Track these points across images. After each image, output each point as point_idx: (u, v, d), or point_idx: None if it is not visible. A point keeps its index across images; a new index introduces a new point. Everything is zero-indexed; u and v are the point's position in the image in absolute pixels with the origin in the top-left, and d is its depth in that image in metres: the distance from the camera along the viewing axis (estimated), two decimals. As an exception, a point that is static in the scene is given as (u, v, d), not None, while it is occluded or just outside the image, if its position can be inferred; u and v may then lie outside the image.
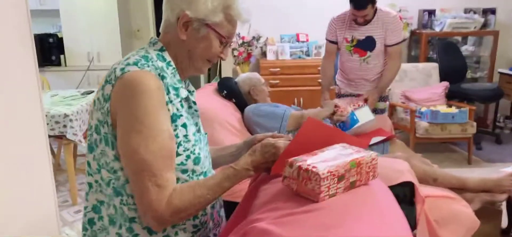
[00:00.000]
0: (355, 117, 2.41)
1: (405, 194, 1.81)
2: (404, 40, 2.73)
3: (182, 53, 1.02)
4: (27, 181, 1.88)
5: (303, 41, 4.53)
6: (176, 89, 0.98)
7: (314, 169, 0.75)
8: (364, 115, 2.41)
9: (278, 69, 4.25)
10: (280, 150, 0.94)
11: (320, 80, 3.32)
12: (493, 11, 4.43)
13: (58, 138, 2.82)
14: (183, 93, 1.01)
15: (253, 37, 4.39)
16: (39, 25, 4.48)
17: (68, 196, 3.00)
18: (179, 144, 0.95)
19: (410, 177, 1.80)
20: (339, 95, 2.94)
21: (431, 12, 4.48)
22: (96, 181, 0.99)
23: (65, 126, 2.67)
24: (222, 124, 2.18)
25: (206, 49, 1.00)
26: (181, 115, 0.97)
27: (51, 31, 4.55)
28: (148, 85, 0.89)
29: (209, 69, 4.09)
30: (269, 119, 2.25)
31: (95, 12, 4.29)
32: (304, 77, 4.22)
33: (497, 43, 4.31)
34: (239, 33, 4.31)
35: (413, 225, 1.81)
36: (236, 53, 4.29)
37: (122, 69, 0.92)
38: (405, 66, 4.07)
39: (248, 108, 2.35)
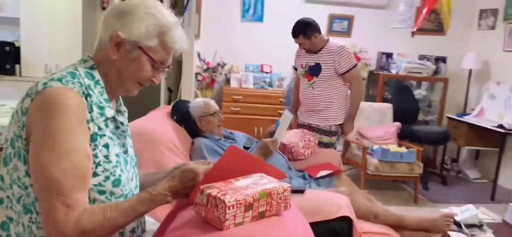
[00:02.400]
0: (278, 121, 2.63)
1: (342, 228, 1.85)
2: (354, 66, 2.90)
3: (112, 72, 1.02)
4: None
5: (266, 72, 4.63)
6: (101, 108, 0.98)
7: (222, 197, 0.76)
8: (283, 117, 2.58)
9: (241, 97, 4.31)
10: (199, 176, 0.95)
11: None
12: (444, 60, 4.73)
13: (-1, 150, 2.68)
14: (109, 112, 1.00)
15: (218, 64, 4.44)
16: (-5, 32, 4.33)
17: None
18: (98, 164, 0.94)
19: (348, 212, 1.85)
20: (298, 125, 3.12)
21: (389, 55, 4.73)
22: (8, 197, 0.96)
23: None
24: (170, 147, 2.16)
25: (136, 71, 1.01)
26: (104, 135, 0.96)
27: (8, 39, 4.40)
28: (67, 102, 0.88)
29: (170, 91, 4.04)
30: (214, 157, 2.24)
31: (57, 23, 4.21)
32: (266, 107, 4.30)
33: (446, 89, 4.59)
34: (204, 59, 4.36)
35: (349, 260, 1.85)
36: (200, 78, 4.32)
37: (45, 83, 0.91)
38: (362, 104, 4.21)
39: (199, 141, 2.33)
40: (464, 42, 4.80)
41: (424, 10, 3.20)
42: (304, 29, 2.87)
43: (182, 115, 2.45)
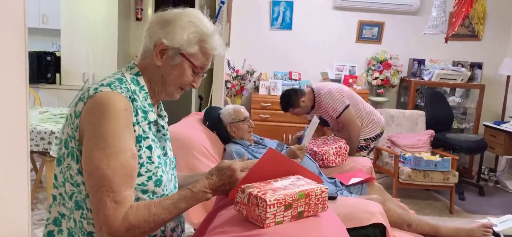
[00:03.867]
0: (306, 128, 2.62)
1: (376, 236, 1.83)
2: (346, 108, 2.84)
3: (156, 78, 1.07)
4: (2, 194, 1.88)
5: (295, 80, 4.64)
6: (145, 112, 1.03)
7: (262, 196, 0.78)
8: (312, 123, 2.61)
9: (269, 104, 4.33)
10: (236, 172, 0.98)
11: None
12: (480, 66, 4.58)
13: (42, 155, 2.83)
14: (152, 116, 1.05)
15: (247, 72, 4.50)
16: (39, 43, 4.59)
17: (45, 214, 2.98)
18: (142, 165, 0.99)
19: (382, 219, 1.83)
20: None
21: (421, 62, 4.63)
22: (60, 194, 1.02)
23: (49, 143, 2.70)
24: (203, 152, 2.21)
25: (178, 76, 1.06)
26: (147, 137, 1.01)
27: (50, 49, 4.65)
28: (116, 106, 0.94)
29: (201, 98, 4.13)
30: None
31: (95, 34, 4.41)
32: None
33: (483, 96, 4.44)
34: (233, 66, 4.43)
35: (382, 268, 1.82)
36: (229, 85, 4.39)
37: (95, 89, 0.98)
38: (393, 112, 4.16)
39: (231, 147, 2.37)
40: (501, 48, 4.63)
41: (461, 16, 3.11)
42: (289, 103, 2.91)
43: (213, 121, 2.50)
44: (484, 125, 4.43)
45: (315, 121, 2.59)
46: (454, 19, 3.16)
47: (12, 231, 1.95)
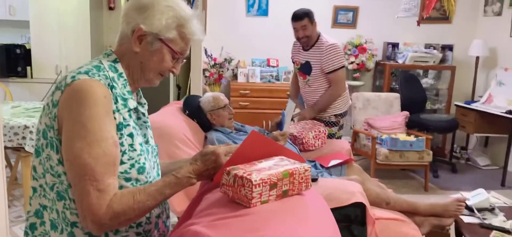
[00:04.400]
0: (284, 112, 2.63)
1: (356, 215, 1.89)
2: (341, 67, 2.85)
3: (135, 64, 1.06)
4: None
5: (273, 66, 4.66)
6: (124, 99, 1.02)
7: (248, 176, 0.80)
8: (288, 107, 2.64)
9: (248, 91, 4.35)
10: (220, 157, 0.99)
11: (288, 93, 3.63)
12: (450, 48, 4.73)
13: (16, 150, 2.75)
14: (132, 104, 1.04)
15: (225, 59, 4.48)
16: (7, 35, 4.41)
17: (22, 211, 2.90)
18: (123, 153, 0.98)
19: (362, 198, 1.88)
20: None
21: (395, 45, 4.74)
22: (41, 185, 1.00)
23: (24, 138, 2.62)
24: (184, 141, 2.21)
25: (158, 62, 1.05)
26: (128, 125, 1.00)
27: (19, 41, 4.47)
28: (95, 93, 0.93)
29: (179, 88, 4.08)
30: None
31: (66, 25, 4.27)
32: (273, 100, 4.33)
33: (454, 77, 4.59)
34: (211, 54, 4.40)
35: (364, 245, 1.88)
36: (207, 74, 4.36)
37: (73, 77, 0.95)
38: (369, 95, 4.25)
39: (212, 135, 2.37)
40: (471, 30, 4.79)
41: None
42: (308, 13, 2.84)
43: (193, 110, 2.50)
44: (455, 104, 4.60)
45: (291, 105, 2.62)
46: (427, 2, 3.24)
47: (-11, 230, 1.90)
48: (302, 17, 2.83)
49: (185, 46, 1.08)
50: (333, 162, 2.49)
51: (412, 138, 3.68)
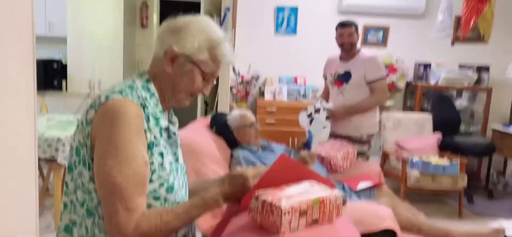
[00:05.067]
0: (311, 134, 2.60)
1: (386, 241, 1.81)
2: (383, 78, 2.89)
3: (167, 85, 1.07)
4: (11, 201, 1.88)
5: (300, 84, 4.63)
6: (156, 119, 1.03)
7: (277, 203, 0.77)
8: (316, 127, 2.62)
9: (275, 109, 4.33)
10: (248, 180, 0.97)
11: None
12: (487, 69, 4.54)
13: (49, 161, 2.83)
14: (163, 123, 1.05)
15: (252, 77, 4.50)
16: (45, 51, 4.62)
17: (51, 220, 2.98)
18: (153, 171, 0.98)
19: (392, 224, 1.81)
20: (335, 136, 3.03)
21: (427, 66, 4.61)
22: (71, 201, 1.02)
23: (57, 150, 2.70)
24: (211, 158, 2.20)
25: (189, 83, 1.06)
26: (159, 144, 1.01)
27: (56, 57, 4.68)
28: (128, 113, 0.94)
29: (206, 104, 4.13)
30: None
31: (101, 41, 4.44)
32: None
33: (490, 99, 4.40)
34: (239, 72, 4.43)
35: (394, 273, 1.80)
36: (234, 91, 4.39)
37: (107, 96, 0.97)
38: (400, 115, 4.14)
39: (238, 153, 2.36)
40: (509, 50, 4.59)
41: (471, 19, 3.09)
42: (355, 24, 2.94)
43: (220, 127, 2.50)
44: (492, 128, 4.39)
45: (319, 123, 2.58)
46: (463, 23, 3.14)
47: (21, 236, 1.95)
48: (350, 25, 2.92)
49: (216, 68, 1.09)
50: (362, 185, 2.42)
51: (445, 161, 3.53)
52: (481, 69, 4.55)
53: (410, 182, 3.51)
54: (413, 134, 4.05)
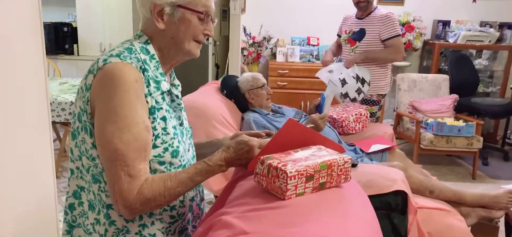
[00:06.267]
0: (323, 96, 2.56)
1: (397, 203, 1.80)
2: (398, 35, 2.82)
3: (167, 42, 1.03)
4: (28, 165, 1.93)
5: (313, 45, 4.53)
6: (157, 82, 1.00)
7: (283, 167, 0.76)
8: (329, 90, 2.58)
9: (287, 71, 4.26)
10: (253, 149, 0.95)
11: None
12: (509, 26, 4.34)
13: (64, 125, 2.88)
14: (165, 86, 1.02)
15: (264, 38, 4.41)
16: (54, 14, 4.59)
17: (70, 182, 3.07)
18: (157, 136, 0.97)
19: (403, 186, 1.79)
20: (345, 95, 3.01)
21: (446, 23, 4.42)
22: (77, 168, 1.02)
23: (70, 113, 2.74)
24: (221, 121, 2.20)
25: (187, 30, 1.01)
26: (161, 108, 0.99)
27: (66, 20, 4.65)
28: (126, 77, 0.91)
29: (217, 67, 4.08)
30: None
31: (109, 3, 4.37)
32: (312, 81, 4.21)
33: (511, 59, 4.23)
34: (250, 33, 4.34)
35: (404, 235, 1.80)
36: (246, 52, 4.32)
37: (105, 60, 0.94)
38: (415, 76, 4.03)
39: (249, 116, 2.35)
40: (534, 5, 4.36)
41: None
42: None
43: (231, 89, 2.48)
44: (511, 88, 4.25)
45: (332, 87, 2.53)
46: None
47: (39, 199, 2.02)
48: None
49: (206, 2, 1.03)
50: (374, 148, 2.39)
51: (460, 123, 3.45)
52: (504, 27, 4.35)
53: (423, 144, 3.46)
54: (429, 95, 3.96)
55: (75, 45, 4.51)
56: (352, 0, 2.90)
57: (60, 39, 4.42)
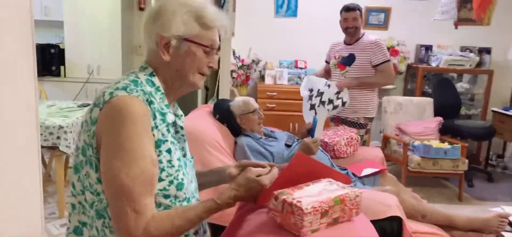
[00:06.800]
0: (315, 120, 2.55)
1: (392, 229, 1.82)
2: (388, 61, 2.92)
3: (171, 74, 1.03)
4: (15, 190, 1.87)
5: (301, 68, 4.60)
6: (163, 114, 1.00)
7: (298, 204, 0.76)
8: (321, 114, 2.59)
9: (275, 93, 4.30)
10: (264, 187, 0.95)
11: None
12: (488, 51, 4.52)
13: (51, 149, 2.81)
14: (170, 118, 1.02)
15: (253, 61, 4.45)
16: (42, 35, 4.53)
17: (55, 208, 2.97)
18: (162, 170, 0.96)
19: (398, 212, 1.82)
20: (332, 118, 3.10)
21: (428, 48, 4.58)
22: (80, 202, 1.00)
23: (58, 138, 2.67)
24: (215, 146, 2.19)
25: (193, 63, 1.02)
26: (166, 140, 0.98)
27: (54, 41, 4.60)
28: (134, 111, 0.90)
29: (207, 89, 4.06)
30: (256, 156, 2.26)
31: (98, 26, 4.35)
32: (300, 103, 4.24)
33: (491, 82, 4.39)
34: (239, 56, 4.38)
35: (400, 260, 1.82)
36: (235, 75, 4.35)
37: (111, 93, 0.93)
38: (401, 99, 4.13)
39: (242, 141, 2.35)
40: (511, 32, 4.56)
41: (485, 5, 3.09)
42: (359, 8, 2.95)
43: (223, 114, 2.48)
44: (492, 110, 4.40)
45: (324, 111, 2.57)
46: (478, 7, 3.14)
47: (26, 226, 1.95)
48: (355, 9, 2.93)
49: (212, 36, 1.03)
50: (366, 171, 2.42)
51: (446, 145, 3.54)
52: (483, 52, 4.53)
53: (411, 166, 3.52)
54: (414, 118, 4.06)
55: (62, 67, 4.44)
56: (341, 26, 2.98)
57: (47, 60, 4.36)
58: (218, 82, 3.93)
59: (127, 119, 0.89)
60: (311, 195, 0.80)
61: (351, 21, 2.90)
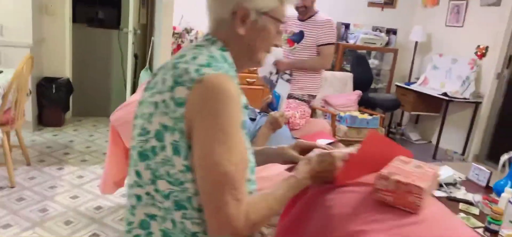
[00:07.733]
0: (277, 95, 2.63)
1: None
2: (332, 44, 3.01)
3: (242, 49, 0.95)
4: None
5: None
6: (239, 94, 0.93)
7: (416, 183, 0.81)
8: (282, 88, 2.65)
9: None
10: (336, 159, 0.96)
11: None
12: (394, 32, 5.14)
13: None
14: (244, 99, 0.95)
15: (185, 29, 4.24)
16: None
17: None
18: None
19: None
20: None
21: (347, 26, 4.98)
22: (147, 193, 0.88)
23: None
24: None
25: (265, 39, 0.95)
26: (245, 122, 0.92)
27: None
28: (232, 91, 0.82)
29: (136, 57, 3.71)
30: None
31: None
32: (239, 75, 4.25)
33: (396, 59, 5.03)
34: (169, 23, 4.11)
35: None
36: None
37: (197, 70, 0.83)
38: (327, 74, 4.44)
39: None
40: (413, 16, 5.24)
41: None
42: None
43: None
44: (396, 85, 5.06)
45: (286, 85, 2.64)
46: None
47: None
48: None
49: (285, 11, 0.98)
50: (321, 142, 2.58)
51: (367, 116, 3.98)
52: (390, 32, 5.13)
53: (339, 135, 3.87)
54: (337, 91, 4.42)
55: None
56: (292, 5, 3.01)
57: None
58: (151, 50, 3.66)
59: (227, 100, 0.80)
60: (411, 173, 0.85)
61: (301, 4, 2.92)
